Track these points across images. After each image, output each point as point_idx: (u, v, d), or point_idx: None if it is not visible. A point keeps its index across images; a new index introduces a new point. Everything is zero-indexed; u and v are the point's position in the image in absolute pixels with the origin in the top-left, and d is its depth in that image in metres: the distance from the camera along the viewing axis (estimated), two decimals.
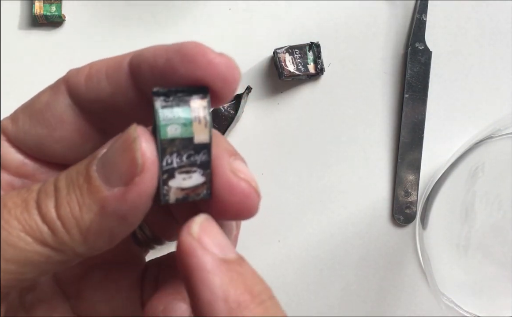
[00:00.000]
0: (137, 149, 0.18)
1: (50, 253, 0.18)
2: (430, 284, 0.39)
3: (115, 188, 0.18)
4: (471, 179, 0.36)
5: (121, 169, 0.18)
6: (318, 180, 0.41)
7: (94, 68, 0.21)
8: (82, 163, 0.19)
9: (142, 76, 0.20)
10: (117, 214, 0.18)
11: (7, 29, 0.41)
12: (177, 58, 0.19)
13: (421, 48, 0.41)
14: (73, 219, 0.18)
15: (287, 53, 0.40)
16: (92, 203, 0.18)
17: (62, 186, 0.19)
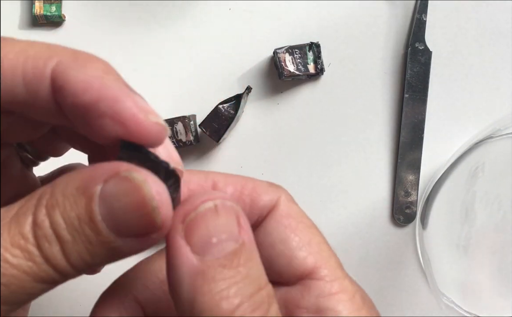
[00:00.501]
0: (157, 216, 0.18)
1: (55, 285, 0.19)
2: (430, 284, 0.39)
3: (127, 239, 0.18)
4: (471, 179, 0.36)
5: (136, 228, 0.18)
6: (318, 180, 0.41)
7: (6, 65, 0.19)
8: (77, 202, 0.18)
9: (63, 100, 0.19)
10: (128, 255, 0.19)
11: (7, 29, 0.41)
12: (109, 112, 0.18)
13: (421, 48, 0.41)
14: (84, 263, 0.18)
15: (287, 53, 0.40)
16: (104, 252, 0.18)
17: (66, 235, 0.18)
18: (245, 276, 0.19)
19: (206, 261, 0.18)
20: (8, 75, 0.19)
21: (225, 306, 0.18)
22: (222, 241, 0.19)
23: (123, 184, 0.18)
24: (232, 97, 0.40)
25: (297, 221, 0.23)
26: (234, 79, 0.42)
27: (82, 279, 0.26)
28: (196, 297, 0.18)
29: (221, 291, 0.18)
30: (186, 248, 0.18)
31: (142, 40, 0.42)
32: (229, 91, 0.41)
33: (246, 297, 0.18)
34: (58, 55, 0.19)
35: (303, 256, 0.22)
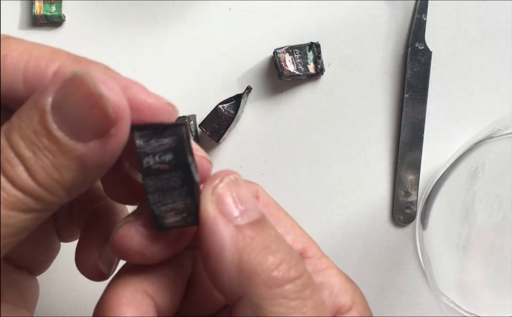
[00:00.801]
0: (106, 105, 0.18)
1: (38, 215, 0.19)
2: (430, 284, 0.39)
3: (90, 142, 0.18)
4: (471, 179, 0.36)
5: (92, 124, 0.18)
6: (318, 180, 0.41)
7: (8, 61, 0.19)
8: (31, 118, 0.18)
9: None
10: (99, 164, 0.19)
11: (7, 29, 0.41)
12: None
13: (421, 48, 0.41)
14: (55, 181, 0.18)
15: (287, 53, 0.40)
16: (70, 162, 0.18)
17: (25, 151, 0.18)
18: (277, 237, 0.20)
19: (241, 225, 0.19)
20: (10, 71, 0.19)
21: (271, 260, 0.19)
22: (248, 209, 0.20)
23: (69, 85, 0.18)
24: (232, 97, 0.40)
25: (277, 210, 0.25)
26: (234, 79, 0.42)
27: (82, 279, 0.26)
28: (243, 257, 0.19)
29: (264, 248, 0.19)
30: (221, 218, 0.19)
31: (142, 40, 0.42)
32: (229, 91, 0.41)
33: (286, 253, 0.20)
34: (60, 59, 0.20)
35: (291, 240, 0.24)
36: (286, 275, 0.19)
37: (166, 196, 0.20)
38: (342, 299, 0.23)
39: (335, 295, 0.23)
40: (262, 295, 0.19)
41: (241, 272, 0.19)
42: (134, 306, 0.20)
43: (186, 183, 0.20)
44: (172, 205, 0.20)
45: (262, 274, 0.19)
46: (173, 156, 0.20)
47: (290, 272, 0.19)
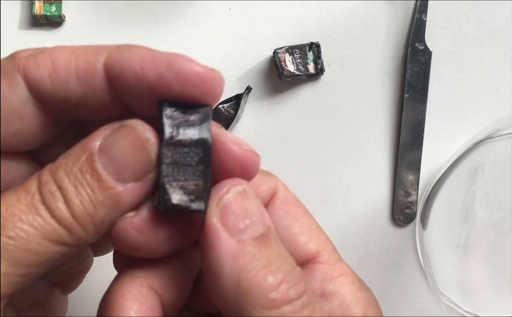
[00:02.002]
0: (151, 149, 0.19)
1: (66, 249, 0.19)
2: (430, 284, 0.39)
3: (127, 184, 0.19)
4: (471, 179, 0.36)
5: (134, 167, 0.19)
6: (318, 180, 0.41)
7: (59, 64, 0.20)
8: (79, 158, 0.19)
9: (123, 85, 0.20)
10: (130, 205, 0.19)
11: (7, 29, 0.41)
12: (170, 76, 0.19)
13: (421, 48, 0.41)
14: (89, 216, 0.19)
15: (287, 53, 0.40)
16: (106, 200, 0.19)
17: (68, 185, 0.19)
18: (280, 254, 0.20)
19: (243, 241, 0.19)
20: (62, 73, 0.20)
21: (270, 280, 0.19)
22: (254, 223, 0.20)
23: (119, 131, 0.19)
24: (232, 97, 0.40)
25: (296, 207, 0.25)
26: (234, 79, 0.42)
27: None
28: (241, 276, 0.18)
29: (264, 267, 0.19)
30: (224, 231, 0.19)
31: (142, 40, 0.42)
32: (229, 91, 0.41)
33: (287, 272, 0.19)
34: (105, 50, 0.20)
35: (305, 241, 0.23)
36: (284, 297, 0.19)
37: (179, 171, 0.20)
38: (353, 310, 0.22)
39: (345, 306, 0.22)
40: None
41: (239, 292, 0.18)
42: (138, 302, 0.20)
43: (202, 162, 0.20)
44: (183, 183, 0.20)
45: (259, 296, 0.18)
46: (196, 132, 0.20)
47: (289, 292, 0.19)
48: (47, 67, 0.20)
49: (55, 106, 0.21)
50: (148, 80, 0.19)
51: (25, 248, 0.18)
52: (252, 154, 0.22)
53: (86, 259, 0.27)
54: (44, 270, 0.19)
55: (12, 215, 0.18)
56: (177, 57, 0.20)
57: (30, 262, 0.18)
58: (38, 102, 0.20)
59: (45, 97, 0.20)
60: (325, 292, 0.22)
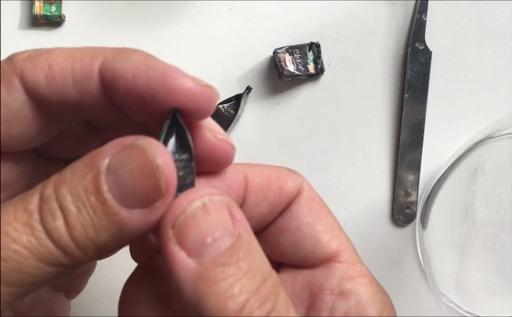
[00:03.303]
0: (161, 178, 0.18)
1: (63, 270, 0.18)
2: (430, 284, 0.39)
3: (133, 210, 0.18)
4: (471, 179, 0.36)
5: (141, 194, 0.18)
6: (318, 180, 0.41)
7: (56, 68, 0.20)
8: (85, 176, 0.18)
9: (116, 91, 0.19)
10: (134, 233, 0.18)
11: (7, 29, 0.41)
12: (160, 88, 0.19)
13: (421, 48, 0.41)
14: (89, 241, 0.18)
15: (287, 53, 0.40)
16: (109, 225, 0.18)
17: (70, 206, 0.18)
18: (247, 270, 0.18)
19: (204, 263, 0.18)
20: (59, 77, 0.20)
21: (231, 306, 0.17)
22: (217, 239, 0.18)
23: (129, 151, 0.18)
24: (232, 97, 0.40)
25: (320, 206, 0.25)
26: (234, 79, 0.42)
27: None
28: (200, 301, 0.17)
29: (225, 292, 0.17)
30: (181, 253, 0.18)
31: (142, 40, 0.42)
32: (229, 91, 0.41)
33: (251, 293, 0.18)
34: (102, 54, 0.20)
35: (327, 240, 0.23)
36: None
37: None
38: (369, 311, 0.22)
39: (361, 306, 0.22)
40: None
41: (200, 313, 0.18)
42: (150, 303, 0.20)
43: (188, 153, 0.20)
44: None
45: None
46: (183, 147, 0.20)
47: (254, 313, 0.18)
48: (44, 70, 0.20)
49: (53, 109, 0.20)
50: (138, 91, 0.19)
51: (17, 269, 0.17)
52: (226, 144, 0.21)
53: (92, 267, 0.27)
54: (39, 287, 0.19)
55: (5, 235, 0.17)
56: (170, 70, 0.19)
57: (23, 282, 0.18)
58: (36, 104, 0.20)
59: (42, 100, 0.20)
60: (343, 291, 0.22)
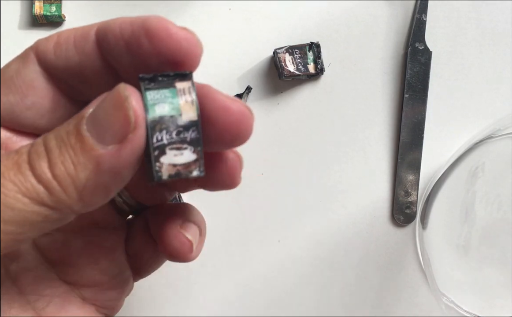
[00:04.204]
0: (129, 107, 0.19)
1: (47, 212, 0.19)
2: (430, 284, 0.39)
3: (109, 146, 0.19)
4: (471, 179, 0.36)
5: (114, 127, 0.19)
6: (318, 180, 0.41)
7: (62, 37, 0.22)
8: (70, 123, 0.20)
9: (108, 46, 0.21)
10: (112, 170, 0.19)
11: (7, 29, 0.41)
12: (141, 32, 0.20)
13: (421, 48, 0.41)
14: (69, 177, 0.19)
15: (287, 53, 0.40)
16: (87, 162, 0.19)
17: (53, 146, 0.19)
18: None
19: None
20: (63, 43, 0.22)
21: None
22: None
23: (107, 95, 0.20)
24: None
25: None
26: (234, 79, 0.42)
27: None
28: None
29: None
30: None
31: None
32: (229, 91, 0.41)
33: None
34: (101, 22, 0.22)
35: None
36: None
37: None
38: None
39: None
40: None
41: None
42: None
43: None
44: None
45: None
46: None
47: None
48: (53, 40, 0.22)
49: (60, 77, 0.22)
50: (124, 38, 0.20)
51: (3, 202, 0.18)
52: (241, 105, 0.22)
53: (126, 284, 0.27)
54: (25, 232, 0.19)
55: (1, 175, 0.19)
56: (151, 16, 0.20)
57: (7, 217, 0.19)
58: (48, 74, 0.22)
59: (50, 66, 0.22)
60: None
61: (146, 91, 0.20)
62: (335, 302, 0.41)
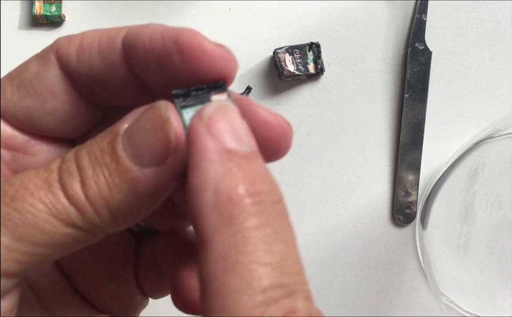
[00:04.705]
0: (171, 130, 0.18)
1: (78, 233, 0.18)
2: (430, 284, 0.39)
3: (146, 169, 0.18)
4: (471, 179, 0.36)
5: (153, 149, 0.18)
6: (318, 180, 0.41)
7: (86, 41, 0.20)
8: (104, 139, 0.18)
9: (136, 58, 0.20)
10: (148, 193, 0.18)
11: (7, 29, 0.41)
12: (173, 48, 0.19)
13: (421, 48, 0.41)
14: (103, 200, 0.18)
15: (287, 53, 0.40)
16: (122, 184, 0.18)
17: (86, 165, 0.18)
18: (264, 170, 0.18)
19: (229, 149, 0.17)
20: (87, 48, 0.20)
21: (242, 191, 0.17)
22: (241, 138, 0.18)
23: (146, 112, 0.18)
24: None
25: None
26: (234, 79, 0.42)
27: None
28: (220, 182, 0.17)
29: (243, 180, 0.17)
30: (209, 136, 0.17)
31: None
32: None
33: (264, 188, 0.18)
34: (127, 28, 0.20)
35: None
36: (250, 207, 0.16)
37: None
38: None
39: None
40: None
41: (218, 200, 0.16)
42: None
43: None
44: None
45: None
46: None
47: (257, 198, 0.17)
48: (76, 44, 0.20)
49: (82, 84, 0.21)
50: (155, 52, 0.19)
51: (31, 223, 0.17)
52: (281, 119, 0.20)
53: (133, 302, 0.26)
54: (54, 254, 0.18)
55: (24, 189, 0.18)
56: (184, 30, 0.19)
57: (36, 240, 0.18)
58: (69, 79, 0.21)
59: (72, 72, 0.21)
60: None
61: (183, 110, 0.19)
62: (335, 302, 0.41)
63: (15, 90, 0.21)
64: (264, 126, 0.20)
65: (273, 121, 0.20)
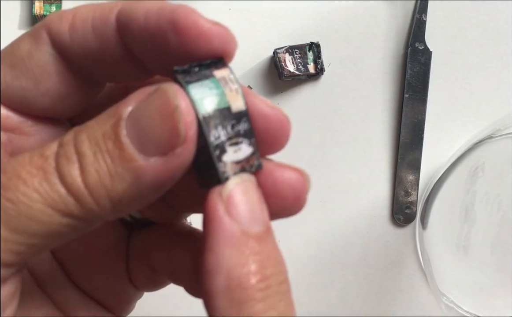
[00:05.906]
0: (180, 119, 0.16)
1: (76, 223, 0.17)
2: (430, 284, 0.39)
3: (151, 158, 0.17)
4: (471, 179, 0.36)
5: (159, 138, 0.17)
6: (318, 179, 0.41)
7: (78, 18, 0.19)
8: (106, 122, 0.17)
9: (130, 35, 0.19)
10: (153, 184, 0.17)
11: (7, 29, 0.41)
12: (168, 27, 0.18)
13: (421, 48, 0.41)
14: (103, 188, 0.17)
15: (287, 53, 0.40)
16: (125, 173, 0.17)
17: (86, 151, 0.17)
18: (275, 251, 0.19)
19: (247, 233, 0.18)
20: (80, 25, 0.19)
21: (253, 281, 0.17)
22: (256, 218, 0.18)
23: (153, 95, 0.17)
24: None
25: None
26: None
27: None
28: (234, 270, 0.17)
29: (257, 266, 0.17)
30: (228, 217, 0.17)
31: None
32: None
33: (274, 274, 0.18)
34: (121, 3, 0.19)
35: None
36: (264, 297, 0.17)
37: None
38: None
39: None
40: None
41: (229, 285, 0.17)
42: None
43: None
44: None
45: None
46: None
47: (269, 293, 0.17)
48: (68, 21, 0.19)
49: (77, 63, 0.20)
50: (149, 31, 0.18)
51: (26, 214, 0.16)
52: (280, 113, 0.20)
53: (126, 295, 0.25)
54: (52, 243, 0.18)
55: (17, 177, 0.17)
56: (181, 8, 0.18)
57: (32, 230, 0.17)
58: (62, 58, 0.20)
59: (65, 51, 0.20)
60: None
61: (188, 85, 0.17)
62: (335, 302, 0.41)
63: (7, 70, 0.20)
64: (262, 118, 0.20)
65: (271, 113, 0.20)
